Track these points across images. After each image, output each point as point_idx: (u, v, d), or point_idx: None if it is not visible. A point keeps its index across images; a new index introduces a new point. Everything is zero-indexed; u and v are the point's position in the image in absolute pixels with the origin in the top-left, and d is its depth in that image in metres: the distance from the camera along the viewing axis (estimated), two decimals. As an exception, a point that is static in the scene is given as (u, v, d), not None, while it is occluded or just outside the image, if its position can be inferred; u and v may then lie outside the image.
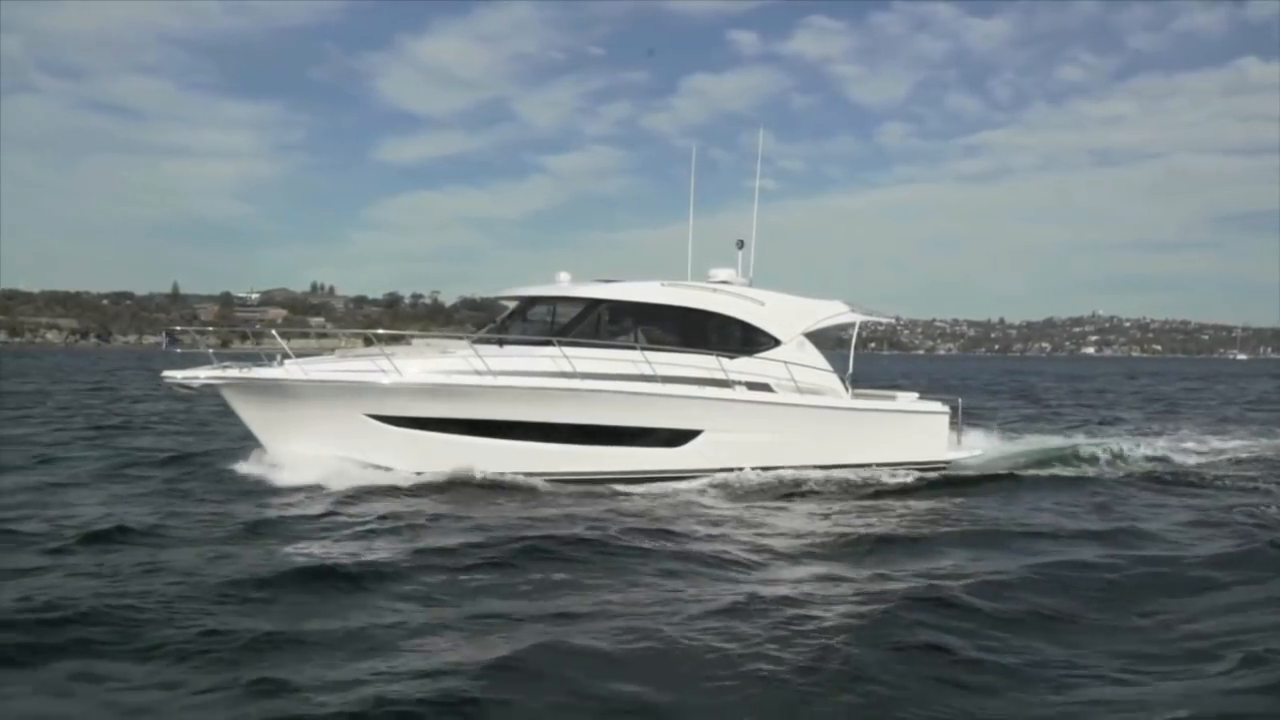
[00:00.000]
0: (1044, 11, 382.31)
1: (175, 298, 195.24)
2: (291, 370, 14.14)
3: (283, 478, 13.77)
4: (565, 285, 16.76)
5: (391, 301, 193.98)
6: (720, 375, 15.91)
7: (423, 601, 8.39)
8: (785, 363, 16.55)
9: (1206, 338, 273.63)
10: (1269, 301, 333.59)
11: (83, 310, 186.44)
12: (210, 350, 15.14)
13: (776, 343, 16.79)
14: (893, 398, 18.36)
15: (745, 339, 16.64)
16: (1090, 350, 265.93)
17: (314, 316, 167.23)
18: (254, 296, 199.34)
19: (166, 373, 14.49)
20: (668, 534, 11.37)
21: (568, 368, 14.82)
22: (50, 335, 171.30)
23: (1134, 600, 8.76)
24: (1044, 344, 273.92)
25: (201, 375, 14.14)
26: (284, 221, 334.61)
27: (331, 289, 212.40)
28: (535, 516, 12.31)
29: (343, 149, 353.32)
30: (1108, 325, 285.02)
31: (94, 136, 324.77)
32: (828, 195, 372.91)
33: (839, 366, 17.64)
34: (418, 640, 7.30)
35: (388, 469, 14.24)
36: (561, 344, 14.96)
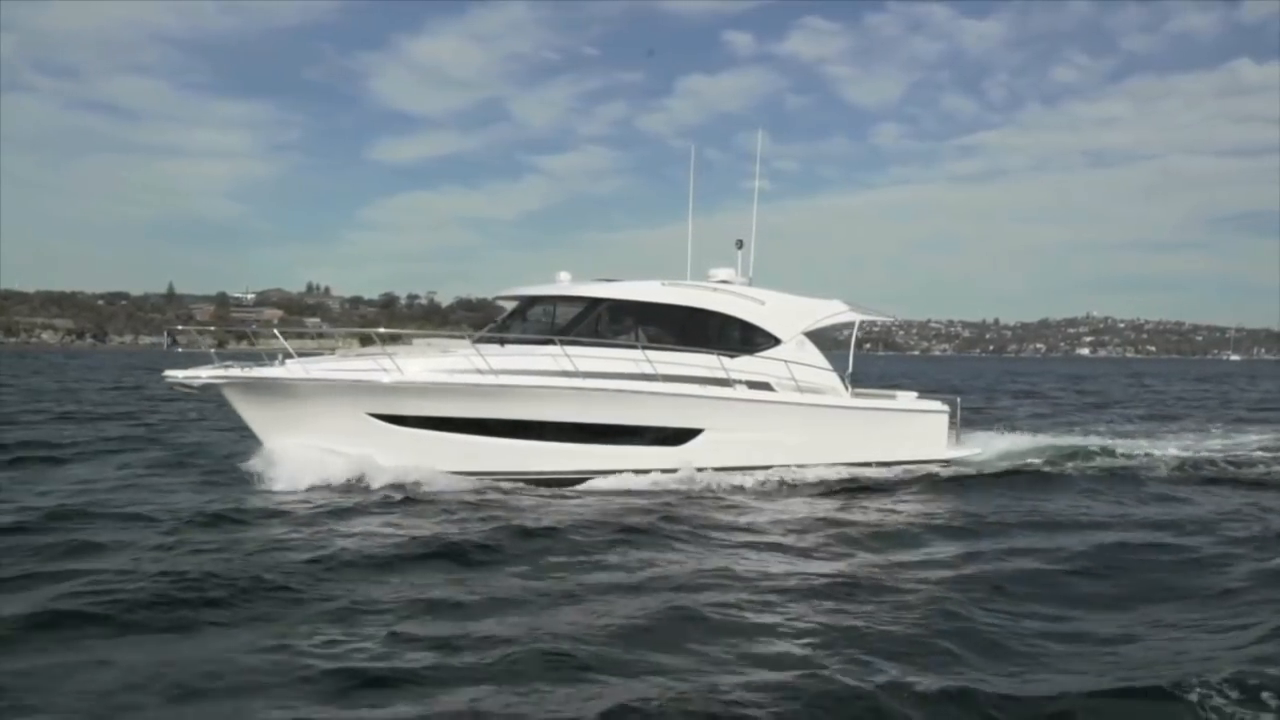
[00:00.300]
0: (1038, 13, 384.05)
1: (171, 298, 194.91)
2: (294, 369, 14.15)
3: (323, 474, 13.79)
4: (565, 285, 16.79)
5: (388, 302, 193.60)
6: (721, 374, 15.99)
7: (539, 575, 9.04)
8: (785, 362, 16.65)
9: (1201, 339, 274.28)
10: (1264, 302, 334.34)
11: (78, 310, 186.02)
12: (211, 350, 15.18)
13: (777, 342, 16.88)
14: (892, 397, 18.46)
15: (745, 338, 16.74)
16: (1085, 351, 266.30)
17: (310, 317, 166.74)
18: (250, 297, 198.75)
19: (168, 372, 14.47)
20: (742, 527, 11.92)
21: (569, 367, 14.86)
22: (46, 335, 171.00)
23: (1183, 576, 9.50)
24: (1039, 345, 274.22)
25: (203, 375, 14.11)
26: (279, 221, 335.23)
27: (327, 289, 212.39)
28: (604, 508, 12.79)
29: (338, 149, 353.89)
30: (1102, 326, 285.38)
31: (89, 136, 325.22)
32: (823, 196, 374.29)
33: (838, 366, 17.77)
34: (552, 609, 7.97)
35: (389, 468, 14.22)
36: (563, 343, 15.01)
